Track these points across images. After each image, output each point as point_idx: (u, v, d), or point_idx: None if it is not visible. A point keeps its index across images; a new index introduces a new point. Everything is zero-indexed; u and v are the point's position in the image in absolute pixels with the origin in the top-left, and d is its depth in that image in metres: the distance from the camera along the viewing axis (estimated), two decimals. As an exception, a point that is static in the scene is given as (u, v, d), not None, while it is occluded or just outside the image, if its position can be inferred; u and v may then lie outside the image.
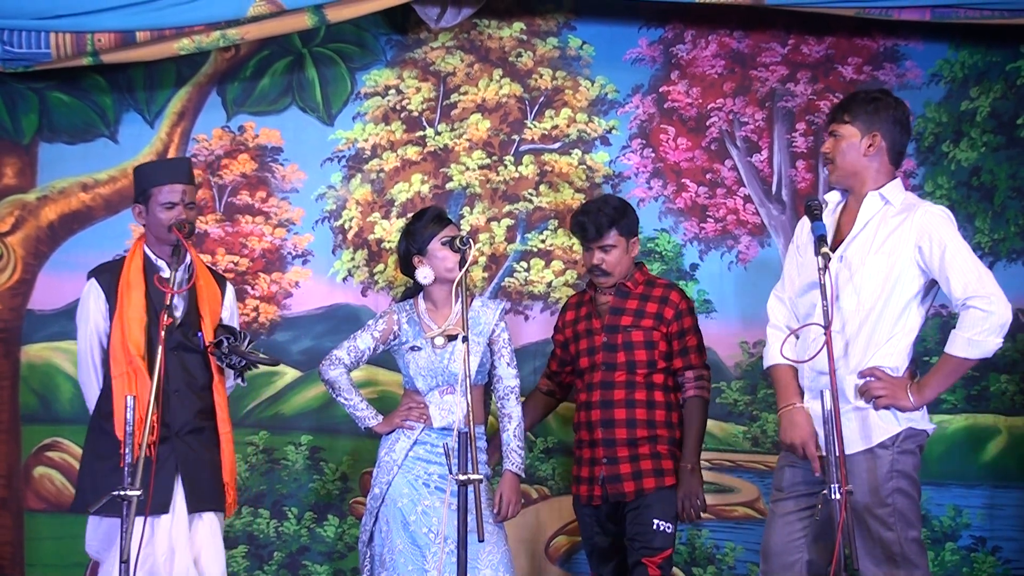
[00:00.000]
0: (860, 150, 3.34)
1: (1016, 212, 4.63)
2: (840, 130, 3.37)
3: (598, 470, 3.81)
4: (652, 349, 3.85)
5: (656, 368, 3.85)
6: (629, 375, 3.83)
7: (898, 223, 3.28)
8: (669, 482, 3.79)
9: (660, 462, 3.80)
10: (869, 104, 3.35)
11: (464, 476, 3.13)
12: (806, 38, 4.67)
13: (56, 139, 4.53)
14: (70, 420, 4.37)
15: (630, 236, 3.93)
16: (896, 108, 3.37)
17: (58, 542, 4.35)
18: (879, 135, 3.34)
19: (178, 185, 3.53)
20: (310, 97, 4.63)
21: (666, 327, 3.85)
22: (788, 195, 4.66)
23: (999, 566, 4.53)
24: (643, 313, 3.87)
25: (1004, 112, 4.66)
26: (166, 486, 3.40)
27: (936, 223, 3.25)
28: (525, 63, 4.69)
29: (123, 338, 3.44)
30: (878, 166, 3.35)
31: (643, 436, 3.80)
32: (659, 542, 3.73)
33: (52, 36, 4.11)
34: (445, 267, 3.74)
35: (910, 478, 3.26)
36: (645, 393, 3.83)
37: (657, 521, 3.73)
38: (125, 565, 3.03)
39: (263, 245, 4.58)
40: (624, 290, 3.92)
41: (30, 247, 4.50)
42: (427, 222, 3.81)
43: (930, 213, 3.28)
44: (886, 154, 3.35)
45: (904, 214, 3.29)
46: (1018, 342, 4.55)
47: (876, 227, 3.30)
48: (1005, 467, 4.57)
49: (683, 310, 3.89)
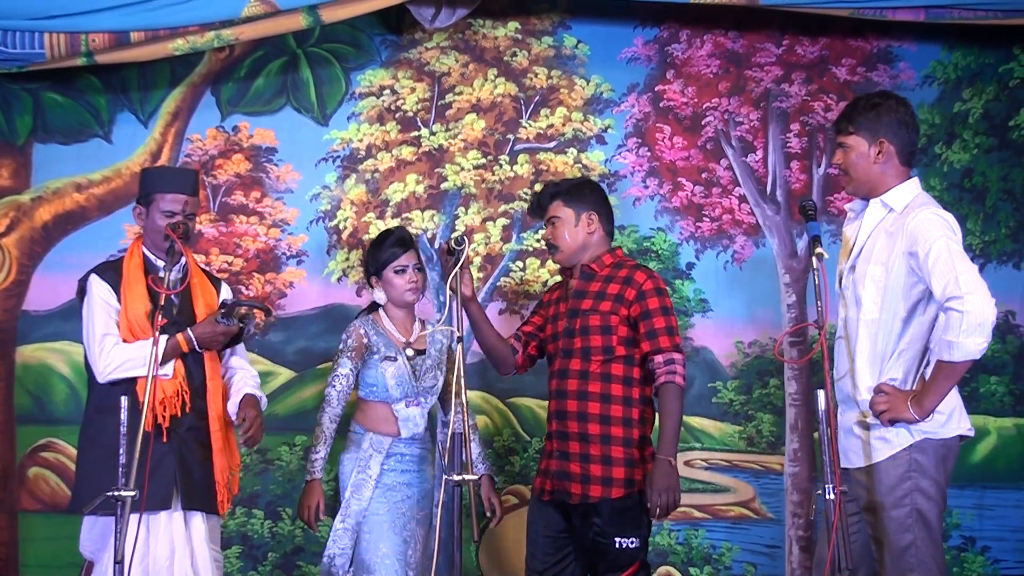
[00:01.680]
0: (870, 158, 3.30)
1: (1007, 214, 4.65)
2: (847, 141, 3.33)
3: (553, 464, 3.65)
4: (609, 334, 3.60)
5: (614, 356, 3.60)
6: (584, 363, 3.61)
7: (895, 231, 3.24)
8: (616, 494, 3.54)
9: (611, 469, 3.56)
10: (871, 111, 3.31)
11: (459, 477, 3.15)
12: (800, 39, 4.69)
13: (50, 139, 4.52)
14: (65, 421, 4.36)
15: (581, 211, 3.70)
16: (898, 109, 3.32)
17: (53, 543, 4.34)
18: (885, 141, 3.29)
19: (182, 195, 3.55)
20: (305, 97, 4.62)
21: (627, 309, 3.60)
22: (783, 195, 4.67)
23: (988, 566, 4.57)
24: (603, 295, 3.64)
25: (997, 114, 4.68)
26: (166, 482, 3.41)
27: (923, 228, 3.17)
28: (520, 62, 4.69)
29: (131, 334, 3.47)
30: (890, 171, 3.31)
31: (595, 433, 3.57)
32: (625, 559, 3.54)
33: (46, 36, 4.09)
34: (397, 294, 3.84)
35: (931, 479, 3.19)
36: (600, 385, 3.59)
37: (619, 540, 3.53)
38: (119, 565, 3.03)
39: (257, 245, 4.58)
40: (589, 272, 3.71)
41: (24, 248, 4.49)
42: (386, 247, 3.86)
43: (919, 219, 3.20)
44: (896, 158, 3.30)
45: (900, 221, 3.24)
46: (1008, 344, 4.58)
47: (876, 237, 3.28)
48: (994, 468, 4.60)
49: (647, 290, 3.60)
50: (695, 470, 4.58)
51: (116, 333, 3.48)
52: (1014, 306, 4.62)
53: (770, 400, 4.60)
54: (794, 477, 4.57)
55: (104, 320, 3.49)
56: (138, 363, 3.41)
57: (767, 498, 4.58)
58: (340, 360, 3.82)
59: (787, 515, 4.58)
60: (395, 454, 3.79)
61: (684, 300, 4.62)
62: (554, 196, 3.75)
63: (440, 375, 3.89)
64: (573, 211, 3.71)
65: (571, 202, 3.72)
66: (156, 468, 3.32)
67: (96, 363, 3.46)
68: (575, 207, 3.71)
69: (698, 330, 4.61)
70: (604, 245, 3.75)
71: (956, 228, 3.23)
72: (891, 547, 3.19)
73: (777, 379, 4.61)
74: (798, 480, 4.57)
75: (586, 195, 3.75)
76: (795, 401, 4.58)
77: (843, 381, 3.33)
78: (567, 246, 3.72)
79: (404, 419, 3.81)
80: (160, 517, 3.42)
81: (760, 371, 4.61)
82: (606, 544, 3.54)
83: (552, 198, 3.75)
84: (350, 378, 3.82)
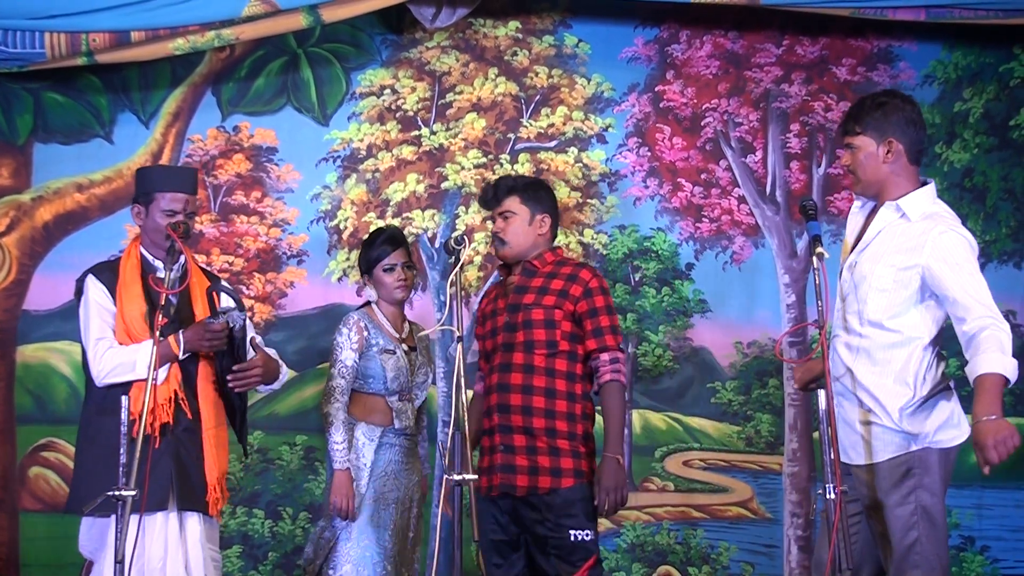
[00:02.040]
0: (879, 158, 3.23)
1: (1008, 214, 4.65)
2: (855, 142, 3.26)
3: (497, 458, 3.57)
4: (553, 328, 3.57)
5: (557, 350, 3.57)
6: (527, 356, 3.56)
7: (911, 239, 3.16)
8: (567, 483, 3.50)
9: (559, 460, 3.52)
10: (877, 110, 3.24)
11: (459, 477, 3.15)
12: (800, 39, 4.68)
13: (51, 139, 4.53)
14: (65, 420, 4.37)
15: (536, 211, 3.68)
16: (905, 108, 3.26)
17: (53, 542, 4.35)
18: (894, 140, 3.22)
19: (182, 194, 3.55)
20: (305, 97, 4.63)
21: (572, 304, 3.58)
22: (782, 196, 4.67)
23: (987, 565, 4.57)
24: (546, 290, 3.61)
25: (997, 114, 4.67)
26: (163, 484, 3.40)
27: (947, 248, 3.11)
28: (521, 62, 4.70)
29: (127, 336, 3.45)
30: (900, 171, 3.24)
31: (540, 427, 3.52)
32: (580, 554, 3.47)
33: (47, 36, 4.09)
34: (386, 292, 3.85)
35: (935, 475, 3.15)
36: (545, 380, 3.55)
37: (574, 532, 3.48)
38: (119, 565, 3.03)
39: (258, 245, 4.58)
40: (531, 269, 3.68)
41: (25, 248, 4.50)
42: (377, 245, 3.87)
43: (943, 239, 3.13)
44: (905, 156, 3.24)
45: (919, 232, 3.16)
46: (1010, 343, 4.58)
47: (886, 238, 3.21)
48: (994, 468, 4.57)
49: (593, 288, 3.59)
50: (693, 470, 4.59)
51: (110, 337, 3.47)
52: (1015, 306, 4.61)
53: (769, 400, 4.61)
54: (793, 477, 4.58)
55: (98, 324, 3.48)
56: (128, 368, 3.40)
57: (765, 498, 4.58)
58: (343, 352, 3.81)
59: (786, 515, 4.58)
60: (386, 444, 3.81)
61: (683, 300, 4.62)
62: (511, 191, 3.71)
63: (430, 372, 3.96)
64: (529, 210, 3.68)
65: (528, 200, 3.69)
66: (153, 469, 3.31)
67: (91, 368, 3.47)
68: (531, 206, 3.69)
69: (697, 330, 4.61)
70: (548, 246, 3.75)
71: (975, 246, 3.18)
72: (895, 545, 3.18)
73: (776, 379, 4.61)
74: (797, 480, 4.58)
75: (543, 196, 3.73)
76: (794, 401, 4.58)
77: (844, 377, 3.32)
78: (517, 243, 3.68)
79: (398, 412, 3.82)
80: (156, 518, 3.41)
81: (759, 371, 4.61)
82: (559, 538, 3.49)
83: (509, 192, 3.71)
84: (355, 369, 3.81)
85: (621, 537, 4.56)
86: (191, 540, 3.47)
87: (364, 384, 3.84)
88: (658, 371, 4.60)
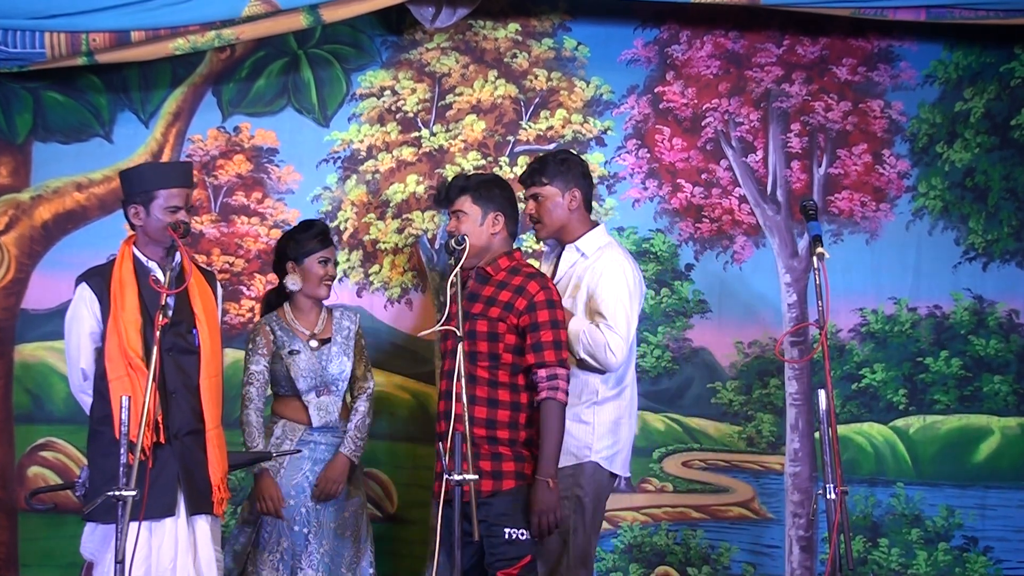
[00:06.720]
0: (564, 206, 3.73)
1: (1009, 213, 4.65)
2: (542, 192, 3.73)
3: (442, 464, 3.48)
4: (495, 341, 3.53)
5: (500, 363, 3.54)
6: (471, 367, 3.48)
7: (581, 272, 3.69)
8: (508, 485, 3.49)
9: (500, 464, 3.51)
10: (562, 164, 3.74)
11: (459, 476, 3.14)
12: (801, 39, 4.69)
13: (51, 139, 4.53)
14: (64, 420, 4.37)
15: (488, 210, 3.62)
16: (582, 164, 3.84)
17: (52, 542, 4.35)
18: (577, 190, 3.73)
19: (183, 189, 3.53)
20: (306, 98, 4.63)
21: (516, 318, 3.52)
22: (783, 195, 4.67)
23: (991, 566, 4.56)
24: (494, 301, 3.57)
25: (998, 113, 4.68)
26: (169, 488, 3.39)
27: (599, 275, 3.65)
28: (520, 64, 4.70)
29: (120, 341, 3.40)
30: (579, 217, 3.75)
31: (481, 436, 3.48)
32: (514, 552, 3.47)
33: (47, 36, 4.10)
34: (312, 285, 3.89)
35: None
36: (487, 391, 3.52)
37: (509, 531, 3.47)
38: (120, 566, 3.02)
39: (259, 246, 4.59)
40: (484, 276, 3.63)
41: (24, 246, 4.50)
42: (311, 236, 3.90)
43: (597, 265, 3.67)
44: (582, 204, 3.76)
45: (590, 264, 3.69)
46: (1011, 343, 4.57)
47: (570, 278, 3.72)
48: (998, 468, 4.59)
49: (538, 302, 3.53)
50: (694, 470, 4.58)
51: (89, 366, 3.48)
52: (1017, 305, 4.59)
53: (770, 400, 4.60)
54: (795, 477, 4.57)
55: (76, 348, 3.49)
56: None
57: (767, 498, 4.58)
58: (252, 359, 3.87)
59: (787, 515, 4.57)
60: (308, 442, 3.83)
61: (683, 301, 4.62)
62: (463, 190, 3.67)
63: (348, 361, 3.90)
64: (480, 209, 3.63)
65: (479, 199, 3.64)
66: (159, 474, 3.30)
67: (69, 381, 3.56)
68: (482, 205, 3.64)
69: (697, 331, 4.61)
70: (506, 246, 3.69)
71: (632, 272, 3.71)
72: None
73: (777, 379, 4.60)
74: (799, 480, 4.57)
75: (495, 194, 3.67)
76: (796, 401, 4.58)
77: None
78: (471, 243, 3.61)
79: (316, 408, 3.84)
80: (164, 522, 3.40)
81: (760, 371, 4.60)
82: (494, 538, 3.47)
83: (460, 192, 3.67)
84: (264, 374, 3.87)
85: (618, 538, 4.55)
86: (201, 541, 3.46)
87: (277, 387, 3.90)
88: (657, 372, 4.60)
